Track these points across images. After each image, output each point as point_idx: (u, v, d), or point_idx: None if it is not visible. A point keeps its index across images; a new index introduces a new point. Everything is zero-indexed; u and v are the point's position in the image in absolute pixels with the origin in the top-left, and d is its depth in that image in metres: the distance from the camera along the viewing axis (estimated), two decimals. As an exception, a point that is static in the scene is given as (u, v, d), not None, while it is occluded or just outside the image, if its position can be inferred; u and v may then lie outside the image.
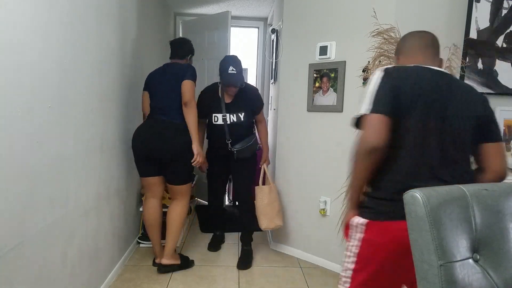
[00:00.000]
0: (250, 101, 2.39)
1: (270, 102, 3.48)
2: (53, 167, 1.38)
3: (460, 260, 0.79)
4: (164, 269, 2.22)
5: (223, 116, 2.31)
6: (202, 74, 3.71)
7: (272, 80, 3.36)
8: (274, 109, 3.08)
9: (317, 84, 2.36)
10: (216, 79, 3.53)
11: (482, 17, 2.07)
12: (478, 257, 0.82)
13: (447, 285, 0.76)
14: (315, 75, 2.36)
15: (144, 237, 2.61)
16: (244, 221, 2.51)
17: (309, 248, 2.52)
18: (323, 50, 2.29)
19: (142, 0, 2.66)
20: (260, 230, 2.49)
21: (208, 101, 2.36)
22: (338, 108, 2.26)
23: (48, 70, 1.33)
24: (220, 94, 2.35)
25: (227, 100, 2.35)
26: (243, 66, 2.38)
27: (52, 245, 1.40)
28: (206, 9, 3.95)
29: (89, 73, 1.70)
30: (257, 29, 4.35)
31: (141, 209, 2.48)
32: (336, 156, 2.30)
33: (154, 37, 3.16)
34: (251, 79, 4.85)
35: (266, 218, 2.42)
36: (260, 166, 2.53)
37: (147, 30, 2.89)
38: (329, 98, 2.30)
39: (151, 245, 2.33)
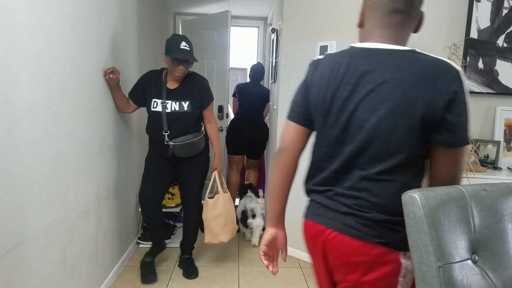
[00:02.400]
0: (198, 90, 2.09)
1: (270, 102, 3.48)
2: (53, 167, 1.39)
3: (459, 261, 0.79)
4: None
5: (162, 102, 2.01)
6: (202, 74, 3.70)
7: (272, 80, 3.35)
8: (275, 108, 3.08)
9: (317, 84, 2.35)
10: (216, 79, 3.56)
11: (482, 17, 2.06)
12: (477, 258, 0.82)
13: (445, 286, 0.76)
14: (315, 75, 2.35)
15: (144, 237, 2.61)
16: (184, 230, 2.29)
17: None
18: (323, 50, 2.29)
19: (141, 0, 2.66)
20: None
21: (148, 85, 2.06)
22: (338, 108, 2.25)
23: (48, 70, 1.33)
24: (163, 78, 2.07)
25: (171, 86, 2.06)
26: (243, 66, 2.37)
27: (52, 245, 1.40)
28: (206, 9, 3.95)
29: (89, 73, 1.70)
30: (257, 28, 4.35)
31: (140, 209, 2.48)
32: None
33: (154, 37, 3.16)
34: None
35: (209, 233, 2.21)
36: (212, 172, 2.26)
37: (147, 30, 2.89)
38: (329, 98, 2.29)
39: (150, 245, 2.33)
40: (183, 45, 1.97)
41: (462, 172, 0.90)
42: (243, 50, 5.51)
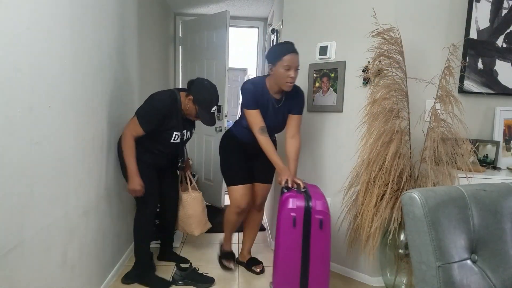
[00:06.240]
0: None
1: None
2: (53, 167, 1.39)
3: (459, 261, 0.79)
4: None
5: (181, 134, 2.05)
6: (201, 74, 3.71)
7: (272, 80, 3.36)
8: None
9: (317, 84, 2.36)
10: (215, 79, 3.56)
11: (482, 17, 2.06)
12: (476, 258, 0.82)
13: (445, 286, 0.76)
14: (315, 75, 2.36)
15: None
16: (170, 221, 2.38)
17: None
18: (323, 50, 2.29)
19: (142, 0, 2.66)
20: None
21: (169, 119, 1.97)
22: (338, 108, 2.26)
23: (48, 70, 1.33)
24: (180, 109, 2.01)
25: (184, 115, 2.06)
26: (244, 66, 2.37)
27: (52, 245, 1.40)
28: (206, 9, 3.95)
29: (89, 73, 1.70)
30: (257, 29, 4.35)
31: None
32: (336, 156, 2.30)
33: (154, 37, 3.17)
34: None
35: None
36: (184, 172, 2.37)
37: (147, 30, 2.89)
38: (329, 98, 2.30)
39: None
40: (214, 109, 2.02)
41: None
42: (243, 50, 5.51)
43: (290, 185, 1.78)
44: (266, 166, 2.15)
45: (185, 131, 2.08)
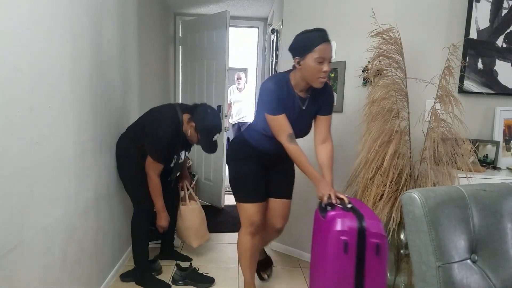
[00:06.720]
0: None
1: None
2: (53, 167, 1.39)
3: (459, 261, 0.79)
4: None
5: (178, 157, 2.10)
6: (201, 74, 3.71)
7: (272, 80, 3.35)
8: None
9: (317, 84, 2.35)
10: (215, 79, 3.56)
11: (482, 17, 2.06)
12: (476, 258, 0.82)
13: (445, 286, 0.76)
14: (315, 75, 2.36)
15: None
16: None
17: (309, 248, 2.51)
18: (323, 50, 2.29)
19: (142, 0, 2.66)
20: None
21: (173, 147, 2.02)
22: (338, 108, 2.26)
23: (48, 70, 1.33)
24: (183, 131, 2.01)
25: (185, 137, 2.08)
26: (244, 66, 2.37)
27: (52, 245, 1.40)
28: (206, 9, 3.95)
29: (89, 73, 1.70)
30: (257, 29, 4.35)
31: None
32: (336, 156, 2.30)
33: (154, 37, 3.17)
34: (251, 79, 4.85)
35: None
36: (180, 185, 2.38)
37: (147, 30, 2.89)
38: (329, 98, 2.30)
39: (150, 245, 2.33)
40: (216, 137, 2.00)
41: None
42: (243, 50, 5.50)
43: (334, 201, 1.47)
44: (286, 177, 1.88)
45: (183, 152, 2.11)
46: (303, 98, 1.68)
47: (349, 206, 1.44)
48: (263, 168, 1.81)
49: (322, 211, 1.48)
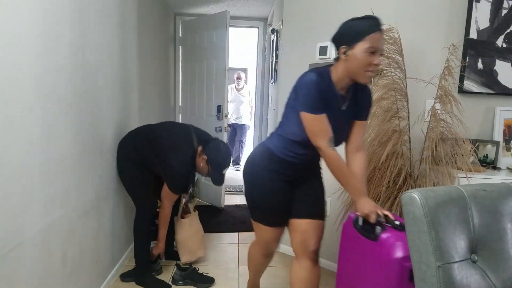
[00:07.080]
0: None
1: (270, 102, 3.49)
2: (53, 167, 1.39)
3: (459, 261, 0.79)
4: None
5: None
6: (202, 74, 3.72)
7: (272, 81, 3.36)
8: (274, 109, 3.08)
9: (317, 84, 2.35)
10: (215, 79, 3.56)
11: (482, 17, 2.06)
12: (476, 258, 0.82)
13: (445, 286, 0.76)
14: (315, 75, 2.36)
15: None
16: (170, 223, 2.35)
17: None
18: (323, 50, 2.29)
19: (142, 0, 2.66)
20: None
21: (190, 173, 2.15)
22: (338, 108, 2.26)
23: (48, 70, 1.33)
24: (195, 163, 2.10)
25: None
26: (243, 66, 2.38)
27: (52, 245, 1.40)
28: (206, 9, 3.96)
29: (89, 73, 1.70)
30: (257, 29, 4.35)
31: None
32: (335, 156, 2.30)
33: (154, 37, 3.17)
34: (251, 79, 4.84)
35: (187, 252, 2.31)
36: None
37: (147, 30, 2.89)
38: (329, 98, 2.30)
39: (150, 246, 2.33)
40: (224, 171, 2.10)
41: None
42: (243, 50, 5.51)
43: (383, 220, 1.26)
44: (317, 194, 1.57)
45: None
46: (344, 97, 1.41)
47: (397, 223, 1.24)
48: (289, 184, 1.52)
49: (365, 231, 1.29)
